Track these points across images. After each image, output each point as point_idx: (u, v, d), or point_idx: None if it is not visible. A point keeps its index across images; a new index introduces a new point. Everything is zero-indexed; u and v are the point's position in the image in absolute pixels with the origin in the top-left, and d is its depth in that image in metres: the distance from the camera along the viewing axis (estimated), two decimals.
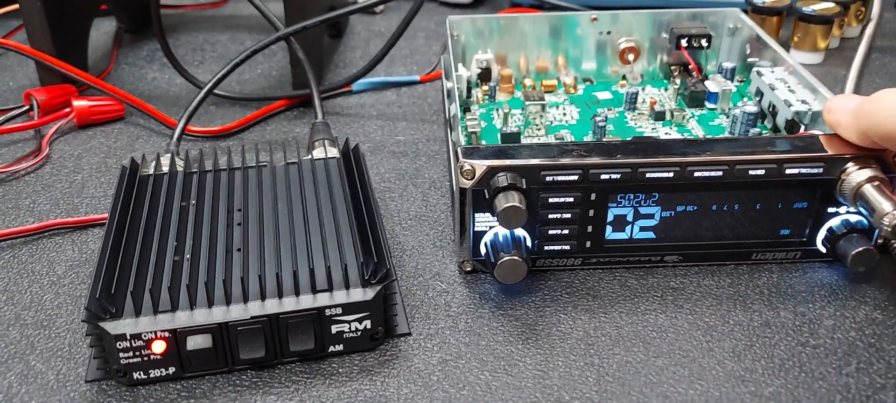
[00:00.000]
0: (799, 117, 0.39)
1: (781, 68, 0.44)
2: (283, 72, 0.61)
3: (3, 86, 0.59)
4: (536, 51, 0.50)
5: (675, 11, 0.49)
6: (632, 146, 0.34)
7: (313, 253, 0.33)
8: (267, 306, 0.31)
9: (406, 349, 0.33)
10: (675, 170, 0.34)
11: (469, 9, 0.75)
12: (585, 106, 0.46)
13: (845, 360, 0.32)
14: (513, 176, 0.33)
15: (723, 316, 0.34)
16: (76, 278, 0.37)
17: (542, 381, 0.31)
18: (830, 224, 0.36)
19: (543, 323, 0.34)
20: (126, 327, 0.29)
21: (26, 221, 0.42)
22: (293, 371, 0.32)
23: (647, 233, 0.36)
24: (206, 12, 0.76)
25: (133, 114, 0.54)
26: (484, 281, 0.37)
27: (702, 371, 0.32)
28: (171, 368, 0.31)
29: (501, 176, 0.33)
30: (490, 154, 0.34)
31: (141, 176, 0.38)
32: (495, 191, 0.33)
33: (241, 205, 0.36)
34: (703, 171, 0.34)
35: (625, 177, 0.34)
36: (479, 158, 0.33)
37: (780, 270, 0.37)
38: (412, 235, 0.41)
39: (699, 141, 0.35)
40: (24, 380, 0.31)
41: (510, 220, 0.33)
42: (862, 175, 0.33)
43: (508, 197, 0.33)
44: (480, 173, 0.33)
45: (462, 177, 0.33)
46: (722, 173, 0.34)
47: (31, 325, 0.34)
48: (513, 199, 0.32)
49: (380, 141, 0.50)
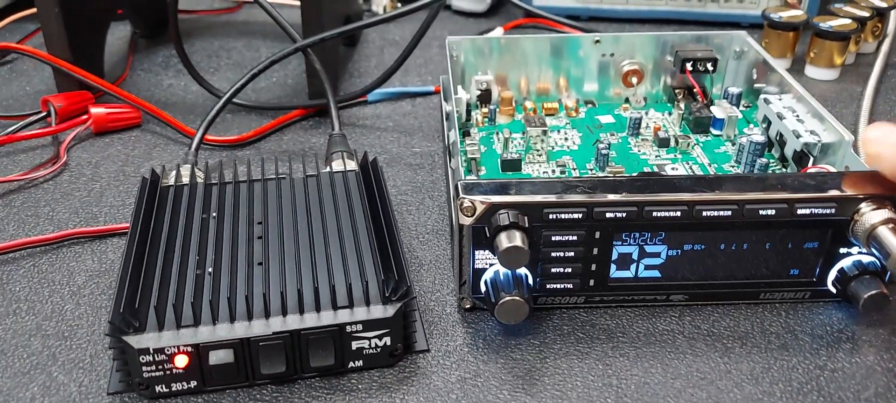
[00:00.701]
0: (808, 149, 0.39)
1: (789, 95, 0.44)
2: (299, 81, 0.61)
3: (19, 91, 0.60)
4: (538, 72, 0.49)
5: (679, 33, 0.49)
6: (638, 183, 0.33)
7: (334, 268, 0.33)
8: (288, 322, 0.31)
9: (425, 366, 0.33)
10: (682, 209, 0.33)
11: (482, 18, 0.75)
12: (588, 130, 0.46)
13: (864, 385, 0.32)
14: (515, 213, 0.32)
15: (741, 338, 0.34)
16: (96, 288, 0.38)
17: (561, 401, 0.31)
18: (842, 264, 0.35)
19: (562, 342, 0.34)
20: (149, 341, 0.30)
21: (46, 229, 0.42)
22: (313, 386, 0.32)
23: (652, 272, 0.35)
24: (221, 18, 0.76)
25: (150, 121, 0.54)
26: None
27: (719, 394, 0.32)
28: (192, 382, 0.31)
29: (503, 213, 0.32)
30: (491, 190, 0.33)
31: (161, 187, 0.39)
32: (497, 230, 0.32)
33: (262, 218, 0.37)
34: (711, 210, 0.33)
35: (631, 216, 0.33)
36: (479, 194, 0.32)
37: (787, 309, 0.36)
38: (429, 249, 0.41)
39: (707, 178, 0.34)
40: (46, 392, 0.32)
41: (512, 261, 0.32)
42: (876, 216, 0.32)
43: (510, 236, 0.31)
44: (481, 210, 0.32)
45: (461, 213, 0.32)
46: (731, 213, 0.33)
47: (53, 336, 0.35)
48: (515, 239, 0.31)
49: (396, 153, 0.50)
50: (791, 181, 0.34)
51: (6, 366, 0.33)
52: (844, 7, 0.62)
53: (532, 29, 0.72)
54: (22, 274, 0.39)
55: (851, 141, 0.38)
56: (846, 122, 0.53)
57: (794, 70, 0.62)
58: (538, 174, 0.42)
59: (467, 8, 0.75)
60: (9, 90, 0.60)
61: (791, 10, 0.62)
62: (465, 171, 0.38)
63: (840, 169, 0.37)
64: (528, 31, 0.71)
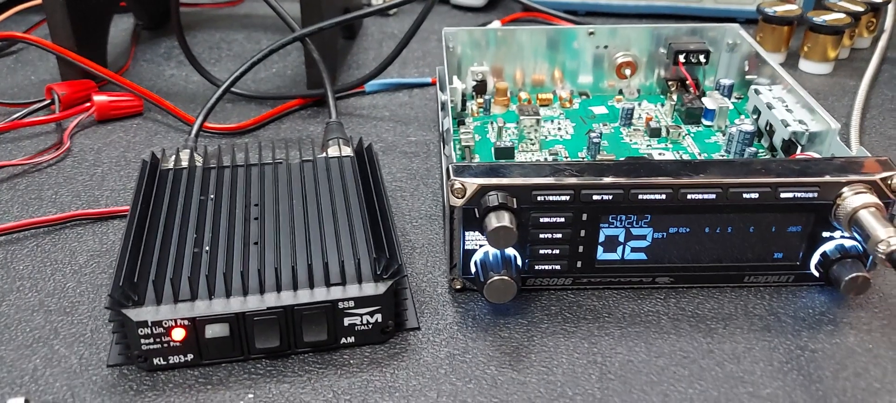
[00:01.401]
0: (796, 138, 0.40)
1: (780, 86, 0.44)
2: (298, 72, 0.62)
3: (24, 80, 0.61)
4: (533, 63, 0.50)
5: (674, 26, 0.50)
6: (624, 167, 0.34)
7: (327, 247, 0.34)
8: (282, 298, 0.32)
9: (415, 342, 0.34)
10: (667, 192, 0.33)
11: (480, 12, 0.76)
12: (581, 120, 0.47)
13: (843, 364, 0.33)
14: (504, 195, 0.33)
15: (725, 319, 0.35)
16: (97, 267, 0.39)
17: (547, 377, 0.32)
18: (824, 248, 0.35)
19: (549, 322, 0.35)
20: (147, 314, 0.31)
21: (49, 212, 0.43)
22: (306, 360, 0.33)
23: (638, 255, 0.36)
24: (223, 11, 0.77)
25: (151, 109, 0.55)
26: None
27: (701, 372, 0.32)
28: (189, 355, 0.32)
29: (492, 195, 0.33)
30: (481, 172, 0.33)
31: (161, 170, 0.40)
32: (486, 211, 0.33)
33: (258, 201, 0.38)
34: (696, 194, 0.33)
35: (617, 198, 0.33)
36: (470, 176, 0.33)
37: (771, 292, 0.37)
38: (422, 233, 0.42)
39: (693, 162, 0.35)
40: (48, 363, 0.33)
41: (500, 241, 0.32)
42: (857, 200, 0.33)
43: (499, 217, 0.32)
44: (471, 192, 0.33)
45: (452, 194, 0.33)
46: (715, 196, 0.33)
47: (55, 311, 0.36)
48: (503, 219, 0.32)
49: (392, 141, 0.51)
50: (775, 166, 0.34)
51: (10, 339, 0.34)
52: (839, 2, 0.63)
53: (529, 22, 0.73)
54: (25, 253, 0.40)
55: (837, 129, 0.39)
56: (838, 115, 0.54)
57: (788, 64, 0.63)
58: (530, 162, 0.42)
59: (465, 2, 0.76)
60: (14, 78, 0.61)
61: (785, 4, 0.63)
62: (458, 158, 0.39)
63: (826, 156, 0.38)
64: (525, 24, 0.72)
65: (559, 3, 0.73)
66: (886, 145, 0.51)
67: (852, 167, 0.34)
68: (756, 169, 0.34)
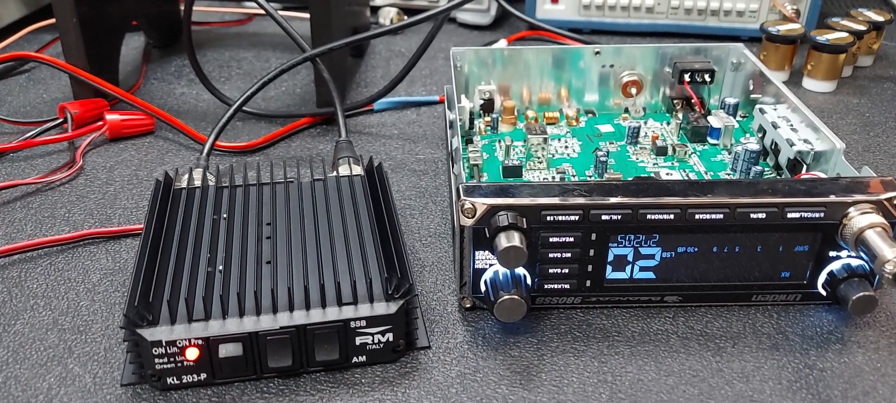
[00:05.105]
0: (801, 157, 0.40)
1: (784, 105, 0.45)
2: (307, 90, 0.63)
3: (37, 98, 0.62)
4: (539, 82, 0.51)
5: (679, 45, 0.50)
6: (633, 186, 0.34)
7: (339, 267, 0.34)
8: (295, 317, 0.32)
9: (426, 361, 0.34)
10: (675, 212, 0.34)
11: (487, 30, 0.76)
12: (587, 139, 0.47)
13: (851, 383, 0.33)
14: (514, 215, 0.33)
15: (733, 338, 0.35)
16: (110, 286, 0.39)
17: (557, 396, 0.32)
18: (831, 267, 0.36)
19: (559, 340, 0.35)
20: (162, 334, 0.31)
21: (62, 230, 0.44)
22: (318, 380, 0.33)
23: (647, 274, 0.36)
24: (232, 30, 0.78)
25: (162, 128, 0.56)
26: None
27: (711, 391, 0.33)
28: (202, 374, 0.32)
29: (502, 215, 0.33)
30: (491, 192, 0.34)
31: (174, 189, 0.40)
32: (496, 231, 0.33)
33: (271, 220, 0.38)
34: (704, 214, 0.34)
35: (625, 218, 0.34)
36: (480, 196, 0.33)
37: (779, 311, 0.37)
38: (432, 251, 0.42)
39: (700, 182, 0.35)
40: (62, 382, 0.33)
41: (510, 260, 0.33)
42: (863, 220, 0.33)
43: (509, 236, 0.33)
44: (481, 212, 0.33)
45: (462, 214, 0.33)
46: (723, 216, 0.34)
47: (69, 330, 0.36)
48: (513, 239, 0.32)
49: (401, 159, 0.52)
50: (782, 186, 0.35)
51: (24, 358, 0.34)
52: (842, 21, 0.64)
53: (535, 41, 0.73)
54: (39, 271, 0.40)
55: (842, 148, 0.39)
56: (842, 133, 0.54)
57: (791, 82, 0.63)
58: (538, 180, 0.43)
59: (472, 21, 0.77)
60: (27, 97, 0.62)
61: (789, 23, 0.63)
62: (467, 177, 0.40)
63: (832, 176, 0.38)
64: (531, 43, 0.73)
65: (564, 22, 0.74)
66: (891, 164, 0.51)
67: (858, 187, 0.35)
68: (763, 188, 0.35)
